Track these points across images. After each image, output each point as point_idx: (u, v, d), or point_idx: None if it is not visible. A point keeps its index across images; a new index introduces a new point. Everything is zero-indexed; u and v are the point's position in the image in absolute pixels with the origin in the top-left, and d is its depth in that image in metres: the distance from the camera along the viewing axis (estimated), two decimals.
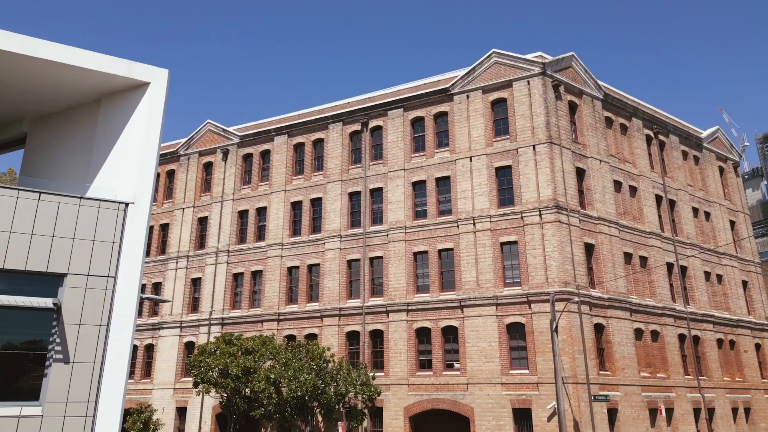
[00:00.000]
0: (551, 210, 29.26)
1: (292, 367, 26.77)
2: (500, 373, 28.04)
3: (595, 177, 32.49)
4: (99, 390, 10.73)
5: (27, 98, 13.24)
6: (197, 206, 39.86)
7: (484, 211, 30.91)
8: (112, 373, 10.89)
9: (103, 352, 10.92)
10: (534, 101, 31.43)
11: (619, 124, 36.14)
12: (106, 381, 10.81)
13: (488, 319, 29.09)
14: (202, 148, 40.87)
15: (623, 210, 33.96)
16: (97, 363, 10.82)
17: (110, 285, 11.27)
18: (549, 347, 27.18)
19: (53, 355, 10.52)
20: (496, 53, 33.09)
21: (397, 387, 30.12)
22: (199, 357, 28.85)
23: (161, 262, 39.71)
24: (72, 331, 10.75)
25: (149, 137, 12.28)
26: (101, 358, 10.87)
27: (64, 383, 10.46)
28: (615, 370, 28.89)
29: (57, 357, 10.52)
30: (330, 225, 34.79)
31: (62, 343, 10.62)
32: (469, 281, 30.09)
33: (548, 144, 30.47)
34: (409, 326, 30.88)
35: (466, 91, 33.50)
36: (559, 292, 27.61)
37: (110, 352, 10.96)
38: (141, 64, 12.63)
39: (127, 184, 12.00)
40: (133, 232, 11.69)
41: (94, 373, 10.75)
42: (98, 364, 10.82)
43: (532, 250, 29.17)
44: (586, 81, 34.56)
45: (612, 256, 31.32)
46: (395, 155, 34.31)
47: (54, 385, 10.39)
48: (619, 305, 30.46)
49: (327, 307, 33.20)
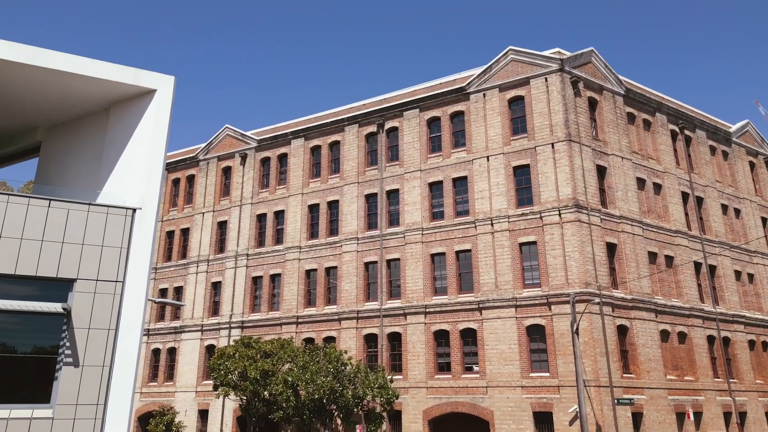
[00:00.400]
0: (571, 209, 28.84)
1: (310, 370, 26.96)
2: (520, 376, 27.73)
3: (616, 175, 31.90)
4: (108, 392, 11.01)
5: (40, 108, 13.69)
6: (217, 210, 40.52)
7: (502, 212, 30.64)
8: (121, 376, 11.16)
9: (111, 355, 11.20)
10: (552, 98, 31.04)
11: (642, 120, 35.42)
12: (114, 384, 11.08)
13: (507, 321, 28.81)
14: (221, 153, 41.54)
15: (647, 208, 33.25)
16: (106, 366, 11.10)
17: (118, 290, 11.55)
18: (570, 350, 26.78)
19: (63, 358, 10.83)
20: (512, 50, 32.81)
21: (416, 390, 30.05)
22: (219, 360, 29.29)
23: (182, 266, 40.48)
24: (81, 335, 11.06)
25: (156, 143, 12.55)
26: (110, 362, 11.15)
27: (74, 386, 10.76)
28: (640, 373, 28.28)
29: (67, 360, 10.83)
30: (347, 227, 34.95)
31: (72, 346, 10.93)
32: (488, 283, 29.86)
33: (567, 142, 30.05)
34: (427, 329, 30.80)
35: (483, 90, 33.28)
36: (579, 293, 27.19)
37: (118, 356, 11.23)
38: (147, 71, 12.93)
39: (135, 190, 12.29)
40: (141, 237, 11.95)
41: (103, 376, 11.03)
42: (107, 367, 11.10)
43: (551, 251, 28.79)
44: (607, 76, 33.98)
45: (635, 255, 30.69)
46: (411, 156, 34.29)
47: (64, 388, 10.70)
48: (644, 306, 29.82)
49: (345, 310, 33.35)
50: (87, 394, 10.84)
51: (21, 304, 10.68)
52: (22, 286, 10.88)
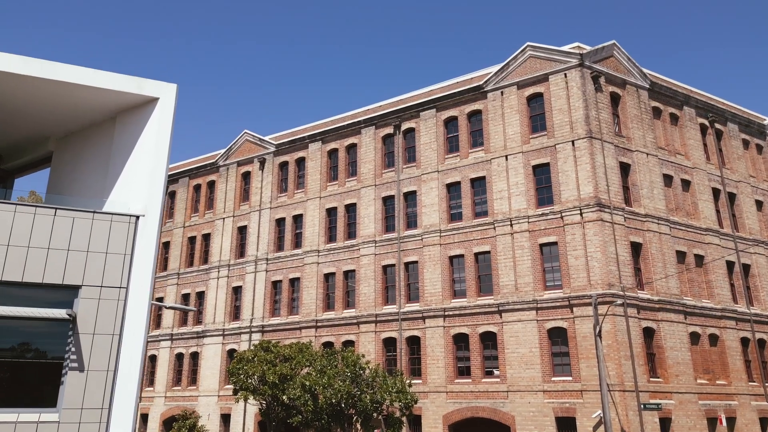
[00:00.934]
0: (593, 208, 28.33)
1: (327, 375, 27.14)
2: (542, 380, 27.36)
3: (641, 172, 31.21)
4: (112, 397, 11.35)
5: (50, 119, 14.22)
6: (236, 216, 41.21)
7: (522, 212, 30.31)
8: (125, 380, 11.48)
9: (116, 360, 11.54)
10: (572, 94, 30.59)
11: (668, 114, 34.57)
12: (119, 388, 11.41)
13: (528, 324, 28.46)
14: (240, 158, 42.25)
15: (675, 205, 32.41)
16: (111, 371, 11.44)
17: (122, 296, 11.90)
18: (593, 353, 26.29)
19: (69, 363, 11.22)
20: (530, 46, 32.46)
21: (436, 394, 29.94)
22: (238, 364, 29.75)
23: (204, 272, 41.28)
24: (86, 341, 11.43)
25: (158, 150, 12.89)
26: (114, 366, 11.49)
27: (79, 390, 11.14)
28: (668, 376, 27.56)
29: (72, 365, 11.21)
30: (364, 230, 35.09)
31: (77, 352, 11.31)
32: (507, 285, 29.57)
33: (588, 139, 29.55)
34: (446, 332, 30.66)
35: (500, 88, 33.02)
36: (602, 294, 26.68)
37: (123, 361, 11.56)
38: (150, 80, 13.29)
39: (139, 198, 12.64)
40: (144, 243, 12.28)
41: (107, 381, 11.38)
42: (111, 372, 11.44)
43: (573, 251, 28.34)
44: (630, 70, 33.29)
45: (662, 255, 29.94)
46: (428, 157, 34.23)
47: (70, 393, 11.08)
48: (672, 307, 29.05)
49: (363, 314, 33.48)
50: (92, 399, 11.20)
51: (28, 311, 11.12)
52: (29, 293, 11.32)
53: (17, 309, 11.08)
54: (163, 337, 41.49)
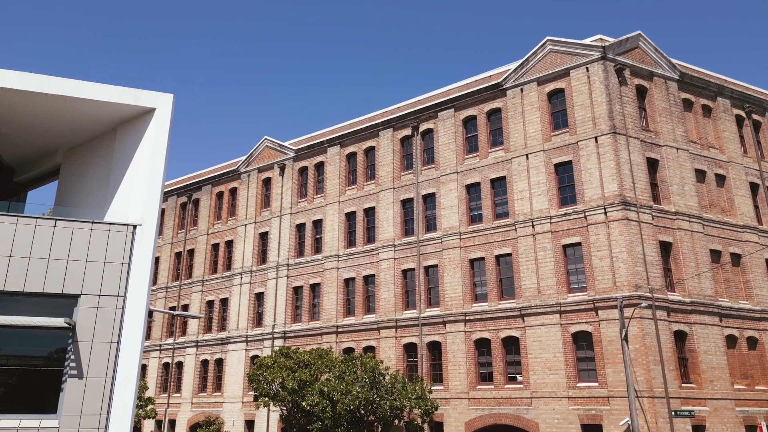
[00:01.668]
0: (617, 207, 27.71)
1: (345, 381, 27.34)
2: (566, 386, 26.87)
3: (671, 167, 30.35)
4: (110, 403, 11.80)
5: (55, 132, 14.90)
6: (258, 222, 41.97)
7: (544, 212, 29.89)
8: (122, 387, 11.92)
9: (114, 367, 12.00)
10: (594, 89, 30.03)
11: (700, 106, 33.52)
12: (116, 395, 11.86)
13: (551, 329, 28.02)
14: (261, 164, 43.04)
15: (708, 202, 31.37)
16: (108, 378, 11.90)
17: (120, 304, 12.37)
18: (620, 358, 25.68)
19: (69, 371, 11.73)
20: (550, 41, 32.03)
21: (457, 401, 29.77)
22: (258, 371, 30.26)
23: (227, 278, 42.19)
24: (85, 348, 11.93)
25: (155, 160, 13.36)
26: (112, 374, 11.95)
27: (78, 397, 11.63)
28: (701, 382, 26.66)
29: (72, 372, 11.72)
30: (383, 234, 35.22)
31: (77, 359, 11.81)
32: (530, 288, 29.18)
33: (612, 134, 28.94)
34: (468, 337, 30.47)
35: (520, 85, 32.68)
36: (628, 296, 26.04)
37: (120, 368, 12.01)
38: (147, 91, 13.79)
39: (136, 207, 13.12)
40: (141, 252, 12.73)
41: (105, 388, 11.84)
42: (109, 378, 11.90)
43: (597, 252, 27.77)
44: (657, 61, 32.44)
45: (694, 254, 29.02)
46: (447, 158, 34.13)
47: (69, 399, 11.58)
48: (705, 309, 28.11)
49: (383, 319, 33.59)
50: (91, 405, 11.67)
51: (29, 320, 11.68)
52: (30, 302, 11.90)
53: (19, 318, 11.66)
54: (188, 344, 42.58)
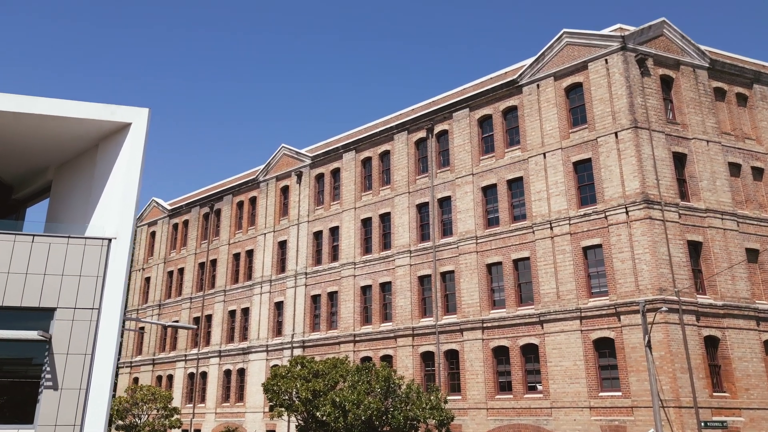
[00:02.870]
0: (639, 205, 26.95)
1: (357, 390, 27.54)
2: (587, 396, 26.25)
3: (700, 161, 29.28)
4: (84, 414, 12.44)
5: (44, 150, 15.83)
6: (277, 230, 42.82)
7: (562, 213, 29.36)
8: (96, 397, 12.55)
9: (88, 378, 12.64)
10: (614, 81, 29.34)
11: (734, 95, 32.21)
12: (90, 405, 12.49)
13: (571, 335, 27.45)
14: (279, 173, 43.94)
15: (744, 197, 30.08)
16: (83, 389, 12.56)
17: (95, 316, 13.03)
18: (644, 365, 24.93)
19: (44, 382, 12.44)
20: (567, 33, 31.52)
21: (475, 411, 29.51)
22: (272, 380, 30.83)
23: (248, 288, 43.20)
24: (61, 361, 12.62)
25: (130, 173, 14.02)
26: (86, 384, 12.59)
27: (53, 408, 12.32)
28: (736, 390, 25.53)
29: (47, 384, 12.43)
30: (399, 240, 35.33)
31: (52, 371, 12.51)
32: (549, 293, 28.69)
33: (633, 129, 28.20)
34: (485, 345, 30.18)
35: (536, 81, 32.26)
36: (651, 300, 25.26)
37: (94, 379, 12.65)
38: (123, 106, 14.50)
39: (112, 221, 13.78)
40: (116, 265, 13.38)
41: (80, 399, 12.49)
42: (83, 390, 12.55)
43: (618, 254, 27.07)
44: (684, 49, 31.40)
45: (728, 254, 27.87)
46: (462, 160, 33.99)
47: (45, 410, 12.28)
48: (740, 313, 26.93)
49: (400, 327, 33.66)
50: (65, 416, 12.34)
51: (6, 333, 12.47)
52: (8, 316, 12.68)
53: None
54: (212, 354, 43.78)
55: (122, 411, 38.67)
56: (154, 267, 51.32)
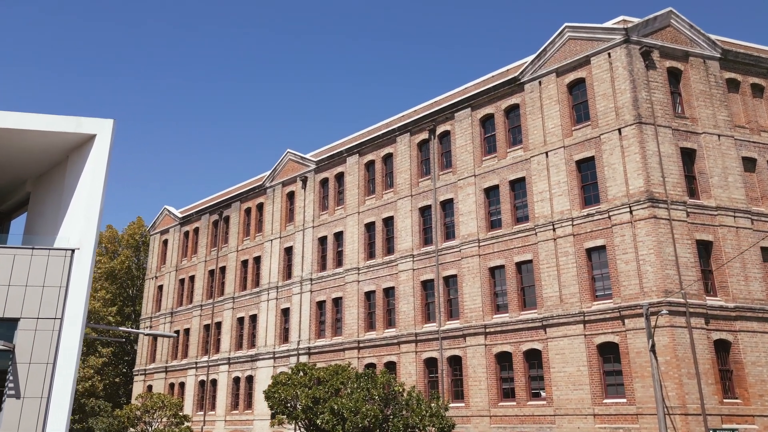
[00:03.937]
0: (643, 204, 26.43)
1: (355, 398, 27.65)
2: (591, 403, 25.82)
3: (711, 157, 28.55)
4: (45, 422, 12.89)
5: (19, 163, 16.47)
6: (283, 236, 43.33)
7: (565, 214, 28.98)
8: (57, 406, 13.00)
9: (49, 387, 13.10)
10: (617, 76, 28.86)
11: (748, 86, 31.31)
12: (51, 414, 12.94)
13: (575, 340, 27.05)
14: (285, 178, 44.47)
15: (759, 193, 29.18)
16: (44, 398, 13.02)
17: (57, 326, 13.50)
18: (649, 371, 24.39)
19: (8, 391, 12.94)
20: (569, 27, 31.15)
21: (479, 419, 29.31)
22: (273, 388, 31.19)
23: (255, 295, 43.80)
24: (23, 370, 13.12)
25: (94, 184, 14.49)
26: (48, 393, 13.05)
27: (16, 417, 12.81)
28: (749, 397, 24.76)
29: (10, 393, 12.93)
30: (402, 244, 35.36)
31: (15, 380, 13.01)
32: (551, 297, 28.34)
33: (637, 125, 27.68)
34: (488, 351, 29.96)
35: (538, 77, 31.95)
36: (656, 303, 24.73)
37: (56, 388, 13.10)
38: (88, 118, 15.01)
39: (75, 231, 14.26)
40: (79, 275, 13.83)
41: (41, 407, 12.97)
42: (45, 398, 13.01)
43: (622, 255, 26.58)
44: (694, 39, 30.68)
45: (741, 253, 27.04)
46: (464, 161, 33.86)
47: (8, 419, 12.78)
48: (753, 315, 26.12)
49: (403, 333, 33.67)
50: (27, 424, 12.82)
51: None
52: None
53: None
54: (221, 362, 44.50)
55: (133, 419, 39.62)
56: (167, 275, 52.47)
